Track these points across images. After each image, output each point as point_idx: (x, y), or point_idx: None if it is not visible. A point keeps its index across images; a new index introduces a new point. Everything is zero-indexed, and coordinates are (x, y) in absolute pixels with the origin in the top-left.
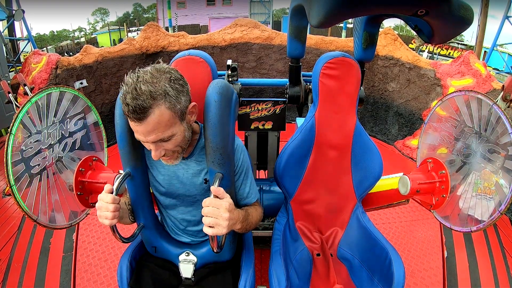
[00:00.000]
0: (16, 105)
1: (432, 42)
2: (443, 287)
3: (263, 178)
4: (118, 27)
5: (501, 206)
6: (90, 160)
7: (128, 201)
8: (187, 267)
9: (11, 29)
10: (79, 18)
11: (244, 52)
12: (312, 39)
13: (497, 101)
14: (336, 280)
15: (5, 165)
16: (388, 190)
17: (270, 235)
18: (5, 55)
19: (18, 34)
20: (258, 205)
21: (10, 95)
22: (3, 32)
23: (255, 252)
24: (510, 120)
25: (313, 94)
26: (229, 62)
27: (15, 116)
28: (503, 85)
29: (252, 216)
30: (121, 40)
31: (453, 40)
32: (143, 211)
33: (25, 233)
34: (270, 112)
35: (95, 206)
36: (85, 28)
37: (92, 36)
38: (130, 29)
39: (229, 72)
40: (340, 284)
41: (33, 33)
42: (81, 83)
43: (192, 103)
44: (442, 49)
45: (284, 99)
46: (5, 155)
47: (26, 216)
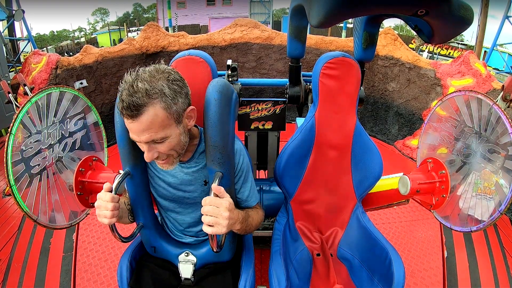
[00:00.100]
0: (16, 105)
1: (432, 42)
2: (443, 287)
3: (263, 178)
4: (118, 27)
5: (501, 206)
6: (90, 160)
7: (128, 201)
8: (186, 267)
9: (11, 29)
10: (79, 18)
11: (244, 52)
12: (312, 39)
13: (497, 101)
14: (336, 280)
15: (5, 165)
16: (388, 190)
17: (270, 235)
18: (5, 55)
19: (18, 34)
20: (259, 208)
21: (10, 95)
22: (3, 32)
23: (255, 252)
24: (510, 120)
25: (313, 94)
26: (229, 62)
27: (15, 116)
28: (503, 85)
29: (252, 218)
30: (121, 40)
31: (453, 40)
32: (142, 211)
33: (25, 233)
34: (270, 112)
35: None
36: (85, 28)
37: (92, 36)
38: (130, 29)
39: (229, 72)
40: (340, 284)
41: (33, 33)
42: (81, 83)
43: (191, 107)
44: (442, 49)
45: (284, 99)
46: (5, 155)
47: (26, 216)
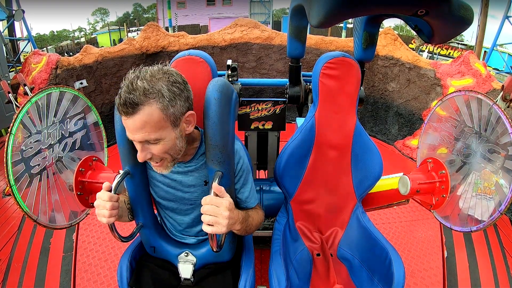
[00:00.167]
0: (16, 105)
1: (432, 42)
2: (443, 287)
3: (263, 178)
4: (118, 27)
5: (501, 206)
6: (90, 160)
7: (127, 199)
8: (186, 267)
9: (11, 29)
10: (79, 18)
11: (244, 52)
12: (312, 39)
13: (497, 101)
14: (336, 280)
15: (5, 165)
16: (388, 190)
17: (270, 235)
18: (5, 55)
19: (18, 34)
20: (259, 209)
21: (10, 95)
22: (3, 32)
23: (255, 252)
24: (510, 120)
25: (313, 94)
26: (229, 62)
27: (15, 116)
28: (503, 85)
29: (252, 218)
30: (121, 40)
31: (453, 40)
32: (142, 210)
33: (25, 233)
34: (270, 112)
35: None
36: (85, 28)
37: (92, 36)
38: (130, 29)
39: (229, 72)
40: (340, 284)
41: (33, 33)
42: (81, 83)
43: (190, 111)
44: (442, 49)
45: (284, 99)
46: (5, 155)
47: (26, 216)
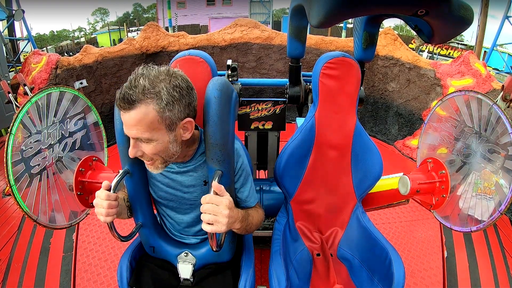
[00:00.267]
0: (16, 105)
1: (432, 42)
2: (443, 287)
3: (263, 178)
4: (118, 27)
5: (501, 206)
6: (90, 160)
7: (127, 197)
8: (185, 267)
9: (11, 29)
10: (79, 18)
11: (244, 52)
12: (312, 39)
13: (497, 101)
14: (336, 280)
15: (5, 165)
16: (388, 190)
17: (270, 235)
18: (5, 55)
19: (18, 34)
20: (259, 207)
21: (10, 95)
22: (3, 32)
23: (255, 252)
24: (510, 120)
25: (313, 94)
26: (229, 62)
27: (15, 116)
28: (503, 85)
29: (252, 216)
30: (121, 40)
31: (453, 40)
32: (141, 210)
33: (25, 233)
34: (270, 112)
35: None
36: (85, 28)
37: (92, 36)
38: (130, 29)
39: (229, 72)
40: (340, 284)
41: (33, 33)
42: (81, 83)
43: (189, 118)
44: (442, 49)
45: (284, 99)
46: (5, 155)
47: (26, 216)
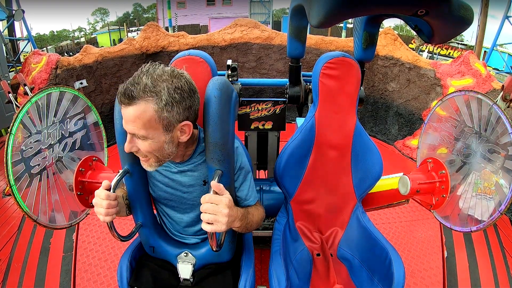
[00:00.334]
0: (16, 105)
1: (432, 42)
2: (443, 287)
3: (263, 178)
4: (118, 27)
5: (501, 206)
6: (90, 160)
7: (126, 195)
8: (185, 267)
9: (11, 29)
10: (79, 18)
11: (244, 52)
12: (312, 39)
13: (497, 101)
14: (336, 280)
15: (5, 165)
16: (388, 190)
17: (270, 235)
18: (5, 55)
19: (18, 34)
20: (259, 205)
21: (10, 95)
22: (3, 32)
23: (255, 252)
24: (510, 120)
25: (313, 94)
26: (229, 62)
27: (15, 116)
28: (503, 85)
29: (252, 214)
30: (121, 40)
31: (453, 40)
32: (141, 209)
33: (25, 233)
34: (270, 112)
35: None
36: (85, 28)
37: (92, 36)
38: (130, 29)
39: (229, 72)
40: (340, 284)
41: (33, 33)
42: (81, 83)
43: (187, 122)
44: (442, 49)
45: (284, 99)
46: (5, 155)
47: (26, 216)
